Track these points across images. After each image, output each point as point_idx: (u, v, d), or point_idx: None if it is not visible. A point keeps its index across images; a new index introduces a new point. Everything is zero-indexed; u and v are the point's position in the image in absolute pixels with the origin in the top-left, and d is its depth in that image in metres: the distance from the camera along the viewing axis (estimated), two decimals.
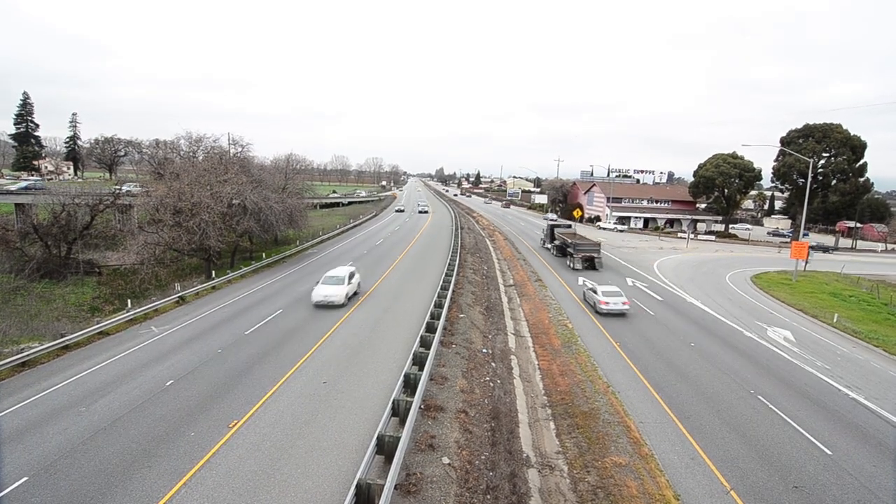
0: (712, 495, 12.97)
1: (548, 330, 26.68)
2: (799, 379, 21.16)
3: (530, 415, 17.60)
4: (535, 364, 22.35)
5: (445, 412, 16.13)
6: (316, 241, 54.91)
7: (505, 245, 58.92)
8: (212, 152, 50.95)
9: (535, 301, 32.54)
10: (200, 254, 36.96)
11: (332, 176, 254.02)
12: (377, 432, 13.01)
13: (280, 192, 49.25)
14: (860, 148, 73.30)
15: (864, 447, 15.62)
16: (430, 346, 19.73)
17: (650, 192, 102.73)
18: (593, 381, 19.96)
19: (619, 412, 17.36)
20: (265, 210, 40.20)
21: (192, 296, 30.07)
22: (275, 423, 15.00)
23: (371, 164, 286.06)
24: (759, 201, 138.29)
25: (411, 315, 26.86)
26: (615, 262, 49.59)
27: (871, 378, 21.87)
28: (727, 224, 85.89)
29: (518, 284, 37.80)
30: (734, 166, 78.79)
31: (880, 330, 29.74)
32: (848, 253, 70.53)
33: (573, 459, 14.69)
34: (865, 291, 40.34)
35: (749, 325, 29.08)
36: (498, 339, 25.03)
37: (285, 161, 66.07)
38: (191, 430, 14.42)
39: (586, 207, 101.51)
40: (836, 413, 17.98)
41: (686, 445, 15.38)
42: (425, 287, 33.47)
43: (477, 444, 14.76)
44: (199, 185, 36.37)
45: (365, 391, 17.42)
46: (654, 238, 76.40)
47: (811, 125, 75.35)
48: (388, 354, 20.97)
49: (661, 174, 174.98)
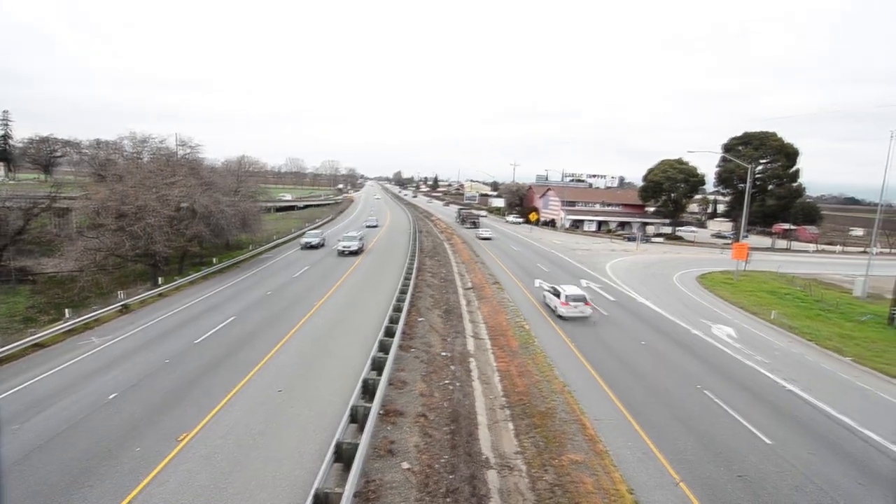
0: (663, 487, 13.47)
1: (506, 332, 27.01)
2: (741, 373, 22.32)
3: (489, 416, 17.75)
4: (494, 366, 22.58)
5: (405, 417, 16.05)
6: (270, 245, 53.53)
7: (463, 248, 59.29)
8: (158, 153, 48.84)
9: (493, 303, 32.90)
10: (146, 259, 35.32)
11: (286, 179, 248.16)
12: (335, 440, 12.80)
13: (232, 195, 47.76)
14: (793, 155, 78.29)
15: (800, 436, 16.63)
16: (389, 351, 19.60)
17: (603, 195, 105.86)
18: (550, 381, 20.36)
19: (575, 410, 17.77)
20: (216, 214, 38.86)
21: (138, 304, 28.68)
22: (227, 434, 14.50)
23: (327, 167, 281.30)
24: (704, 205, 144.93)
25: (370, 320, 26.60)
26: (569, 265, 50.82)
27: (806, 371, 23.33)
28: (674, 227, 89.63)
29: (476, 287, 38.11)
30: (680, 171, 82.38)
31: (813, 325, 31.76)
32: (783, 253, 75.05)
33: (531, 459, 14.92)
34: (799, 289, 42.99)
35: (695, 323, 30.42)
36: (457, 342, 25.13)
37: (237, 163, 64.16)
38: (136, 446, 13.74)
39: (542, 211, 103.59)
40: (775, 405, 19.06)
41: (638, 441, 15.91)
42: (384, 291, 33.24)
43: (437, 448, 14.76)
44: (144, 188, 34.76)
45: (323, 398, 17.11)
46: (607, 240, 78.82)
47: (750, 133, 79.87)
48: (347, 360, 20.68)
49: (612, 178, 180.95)
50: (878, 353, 26.69)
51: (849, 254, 77.99)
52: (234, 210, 42.52)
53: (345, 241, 48.66)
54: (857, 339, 29.19)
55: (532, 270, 45.75)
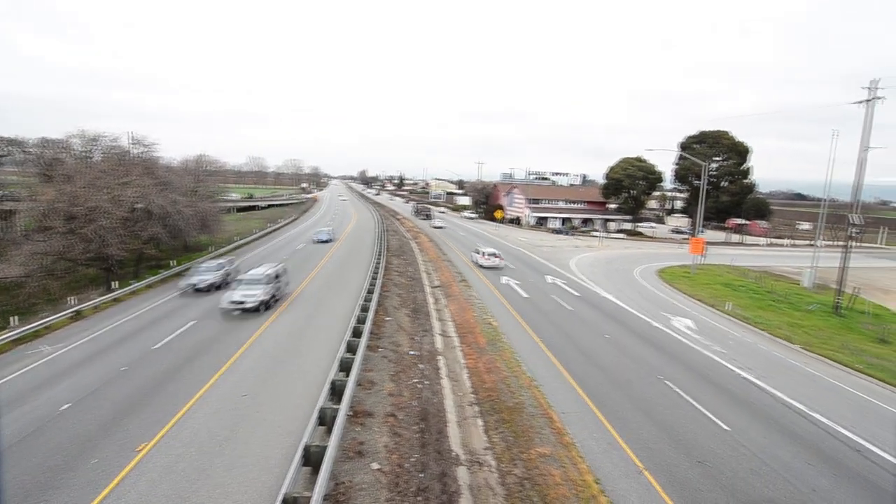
0: (628, 476, 13.86)
1: (474, 329, 27.19)
2: (700, 363, 23.18)
3: (459, 413, 17.84)
4: (462, 363, 22.69)
5: (374, 417, 15.95)
6: (231, 246, 52.13)
7: (430, 246, 59.29)
8: (110, 152, 46.75)
9: (460, 301, 33.04)
10: (99, 263, 33.79)
11: (248, 178, 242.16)
12: (303, 443, 12.59)
13: (191, 196, 46.20)
14: (745, 153, 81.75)
15: (755, 421, 17.41)
16: (357, 351, 19.42)
17: (566, 193, 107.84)
18: (518, 376, 20.62)
19: (543, 404, 18.07)
20: (173, 214, 37.53)
21: (91, 310, 27.43)
22: (189, 442, 14.05)
23: (290, 166, 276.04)
24: (662, 201, 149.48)
25: (336, 320, 26.28)
26: (535, 261, 51.56)
27: (759, 359, 24.44)
28: (635, 223, 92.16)
29: (444, 285, 38.19)
30: (640, 169, 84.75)
31: (765, 315, 33.29)
32: (737, 247, 78.26)
33: (501, 454, 15.08)
34: (752, 281, 44.96)
35: (656, 316, 31.39)
36: (425, 341, 25.13)
37: (196, 162, 62.14)
38: (92, 458, 13.15)
39: (507, 209, 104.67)
40: (732, 392, 19.89)
41: (604, 431, 16.31)
42: (351, 291, 32.90)
43: (406, 447, 14.73)
44: (95, 189, 33.20)
45: (289, 402, 16.80)
46: (571, 237, 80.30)
47: (705, 132, 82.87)
48: (314, 362, 20.37)
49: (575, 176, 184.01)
50: (824, 340, 28.22)
51: (797, 247, 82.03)
52: (193, 210, 41.15)
53: (243, 288, 27.14)
54: (805, 328, 30.77)
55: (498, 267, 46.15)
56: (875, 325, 31.95)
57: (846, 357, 25.18)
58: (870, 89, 33.91)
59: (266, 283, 27.44)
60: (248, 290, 26.75)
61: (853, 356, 25.39)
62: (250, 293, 26.52)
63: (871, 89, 33.86)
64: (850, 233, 38.94)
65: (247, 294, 26.49)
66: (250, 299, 26.33)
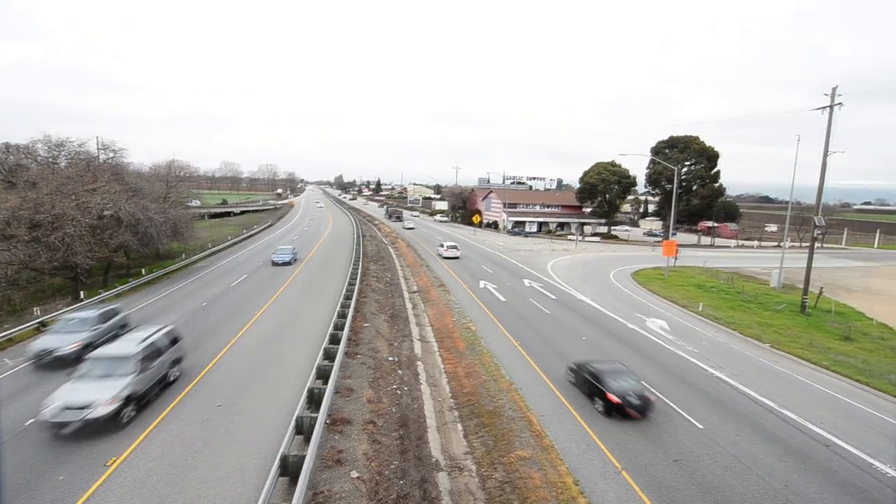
0: (606, 477, 14.01)
1: (452, 333, 27.18)
2: (674, 363, 23.63)
3: (438, 419, 17.78)
4: (442, 368, 22.65)
5: (353, 425, 15.78)
6: (205, 253, 51.09)
7: (408, 251, 59.13)
8: (77, 158, 45.40)
9: (439, 306, 33.02)
10: (66, 272, 32.70)
11: (221, 183, 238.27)
12: (280, 453, 12.38)
13: (162, 202, 45.17)
14: (714, 157, 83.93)
15: (728, 419, 17.81)
16: (335, 359, 19.21)
17: (542, 197, 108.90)
18: (497, 380, 20.68)
19: (522, 408, 18.15)
20: (144, 222, 36.64)
21: (56, 321, 26.48)
22: (162, 455, 13.67)
23: (265, 171, 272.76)
24: (636, 205, 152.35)
25: (314, 328, 25.97)
26: (512, 265, 51.89)
27: (731, 358, 25.04)
28: (610, 226, 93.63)
29: (422, 290, 38.11)
30: (613, 174, 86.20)
31: (736, 315, 34.14)
32: (708, 249, 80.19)
33: (481, 458, 15.08)
34: (723, 282, 46.09)
35: (631, 318, 31.90)
36: (404, 346, 25.02)
37: (167, 167, 60.77)
38: (59, 474, 12.68)
39: (485, 213, 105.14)
40: (705, 391, 20.32)
41: (582, 433, 16.47)
42: (328, 298, 32.57)
43: (386, 454, 14.62)
44: (61, 195, 32.18)
45: (266, 411, 16.50)
46: (547, 241, 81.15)
47: (675, 137, 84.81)
48: (291, 370, 20.07)
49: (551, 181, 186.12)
50: (792, 339, 29.08)
51: (765, 248, 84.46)
52: (164, 217, 40.23)
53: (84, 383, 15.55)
54: (774, 327, 31.66)
55: (476, 272, 46.32)
56: (839, 324, 33.08)
57: (813, 355, 25.98)
58: (830, 96, 35.24)
59: (133, 369, 15.86)
60: (90, 385, 15.15)
61: (820, 354, 26.22)
62: (92, 395, 14.64)
63: (832, 96, 35.19)
64: (815, 234, 40.32)
65: (89, 394, 14.70)
66: (96, 404, 14.42)
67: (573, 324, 29.80)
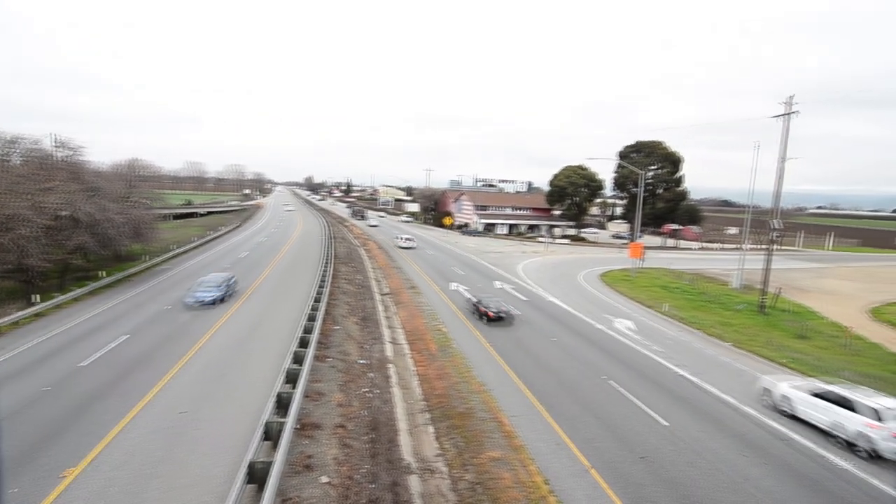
0: (575, 475, 14.22)
1: (424, 336, 27.13)
2: (640, 363, 24.20)
3: (410, 421, 17.71)
4: (413, 370, 22.58)
5: (322, 429, 15.56)
6: (168, 255, 49.55)
7: (379, 253, 58.78)
8: (30, 156, 43.37)
9: (410, 308, 32.92)
10: (18, 276, 31.17)
11: (186, 184, 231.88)
12: (247, 460, 12.08)
13: (122, 202, 43.59)
14: (678, 162, 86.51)
15: (692, 416, 18.34)
16: (304, 362, 18.90)
17: (513, 200, 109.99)
18: (468, 381, 20.74)
19: (493, 408, 18.25)
20: (103, 222, 35.25)
21: (9, 326, 25.21)
22: (121, 465, 13.16)
23: (232, 172, 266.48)
24: (604, 208, 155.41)
25: (282, 330, 25.50)
26: (483, 267, 52.21)
27: (694, 356, 25.80)
28: (578, 229, 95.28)
29: (393, 292, 37.93)
30: (582, 177, 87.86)
31: (699, 315, 35.22)
32: (672, 251, 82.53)
33: (452, 460, 15.09)
34: (687, 283, 47.51)
35: (600, 318, 32.52)
36: (375, 349, 24.83)
37: (128, 166, 58.69)
38: (11, 487, 12.04)
39: (456, 215, 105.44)
40: (670, 389, 20.88)
41: (552, 433, 16.68)
42: (296, 300, 32.04)
43: (357, 458, 14.46)
44: (13, 195, 30.64)
45: (232, 417, 16.09)
46: (518, 243, 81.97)
47: (641, 142, 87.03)
48: (258, 374, 19.64)
49: (521, 183, 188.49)
50: (751, 338, 30.18)
51: (726, 250, 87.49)
52: (125, 218, 38.82)
53: None
54: (734, 326, 32.80)
55: (447, 274, 46.40)
56: (795, 322, 34.53)
57: (771, 353, 27.02)
58: (786, 104, 36.80)
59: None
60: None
61: (777, 352, 27.29)
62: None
63: (788, 104, 36.76)
64: (772, 237, 42.01)
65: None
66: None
67: (543, 325, 30.17)
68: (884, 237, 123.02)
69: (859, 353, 28.73)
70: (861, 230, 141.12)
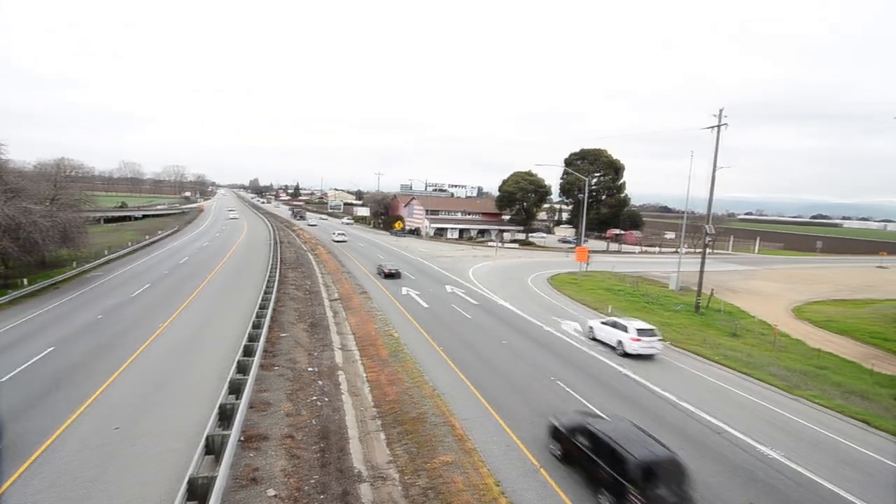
0: (526, 475, 14.46)
1: (375, 341, 26.84)
2: (586, 363, 24.96)
3: (360, 428, 17.45)
4: (364, 377, 22.28)
5: (269, 440, 15.07)
6: (100, 261, 46.59)
7: (329, 258, 57.68)
8: None
9: (361, 314, 32.49)
10: None
11: (120, 185, 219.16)
12: (187, 476, 11.52)
13: (48, 204, 40.68)
14: (620, 169, 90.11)
15: (634, 412, 19.05)
16: (249, 371, 18.26)
17: (463, 205, 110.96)
18: (420, 386, 20.68)
19: (445, 413, 18.28)
20: (26, 226, 32.82)
21: None
22: (46, 488, 12.22)
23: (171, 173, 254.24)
24: (551, 213, 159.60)
25: (226, 339, 24.53)
26: (435, 271, 52.31)
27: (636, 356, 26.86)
28: (527, 233, 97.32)
29: (343, 298, 37.32)
30: (530, 183, 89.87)
31: (640, 316, 36.66)
32: (616, 255, 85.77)
33: (404, 466, 14.98)
34: (629, 286, 49.49)
35: (548, 321, 33.30)
36: (324, 356, 24.32)
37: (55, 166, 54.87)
38: None
39: (407, 220, 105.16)
40: (614, 387, 21.65)
41: (503, 434, 16.89)
42: (242, 307, 30.93)
43: (306, 469, 14.09)
44: None
45: (172, 431, 15.30)
46: (468, 247, 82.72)
47: (586, 150, 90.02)
48: (200, 385, 18.78)
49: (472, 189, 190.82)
50: (688, 337, 31.79)
51: (665, 254, 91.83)
52: (51, 221, 36.29)
53: None
54: (673, 326, 34.45)
55: (399, 279, 46.12)
56: (728, 322, 36.69)
57: (706, 350, 28.57)
58: (717, 117, 39.18)
59: None
60: None
61: (712, 349, 28.89)
62: None
63: (719, 117, 39.15)
64: (706, 241, 44.55)
65: None
66: None
67: (494, 328, 30.56)
68: (804, 241, 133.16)
69: (784, 349, 30.87)
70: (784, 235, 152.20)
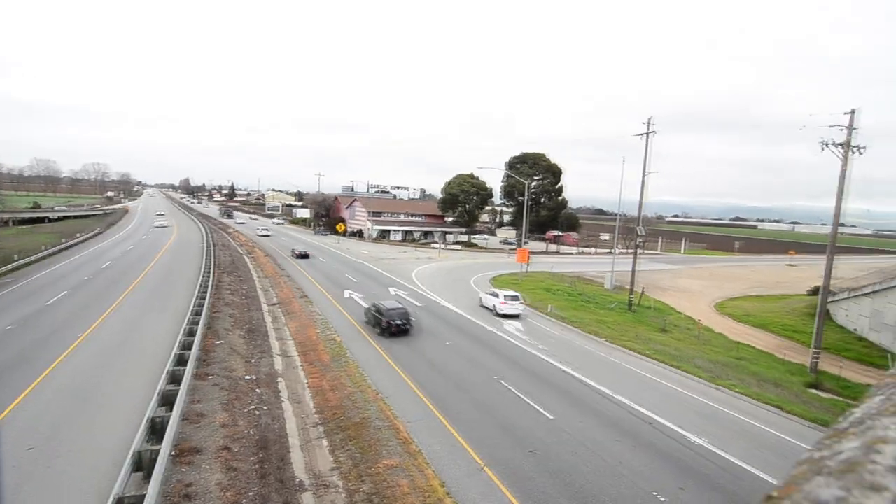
0: (470, 475, 14.64)
1: (316, 346, 26.24)
2: (528, 361, 25.61)
3: (302, 436, 17.01)
4: (305, 383, 21.73)
5: (204, 453, 14.39)
6: (9, 267, 42.63)
7: (266, 262, 55.77)
8: None
9: (301, 318, 31.66)
10: None
11: (34, 184, 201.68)
12: (112, 496, 10.80)
13: None
14: (559, 173, 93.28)
15: (574, 409, 19.80)
16: (182, 382, 17.35)
17: (407, 206, 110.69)
18: (363, 390, 20.44)
19: (389, 416, 18.17)
20: None
21: None
22: None
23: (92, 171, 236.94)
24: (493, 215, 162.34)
25: (157, 348, 23.16)
26: (378, 274, 51.86)
27: (575, 353, 27.89)
28: (470, 235, 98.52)
29: (283, 302, 36.22)
30: (473, 185, 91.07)
31: (578, 315, 38.16)
32: (555, 256, 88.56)
33: (348, 472, 14.76)
34: (567, 286, 51.26)
35: (491, 321, 33.87)
36: (263, 363, 23.50)
37: None
38: None
39: (349, 221, 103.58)
40: (555, 385, 22.35)
41: (447, 435, 17.01)
42: (173, 314, 29.31)
43: (244, 482, 13.57)
44: None
45: (96, 450, 14.26)
46: (412, 249, 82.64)
47: (526, 154, 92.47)
48: (128, 398, 17.63)
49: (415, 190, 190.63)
50: (623, 333, 33.37)
51: (600, 254, 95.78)
52: None
53: None
54: (609, 324, 36.04)
55: (341, 281, 45.39)
56: (657, 318, 38.84)
57: (639, 346, 30.11)
58: (647, 124, 41.42)
59: None
60: None
61: (643, 345, 30.48)
62: None
63: (647, 125, 41.40)
64: (637, 242, 46.96)
65: None
66: None
67: (438, 329, 30.70)
68: (725, 242, 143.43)
69: (708, 342, 33.10)
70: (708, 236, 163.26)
